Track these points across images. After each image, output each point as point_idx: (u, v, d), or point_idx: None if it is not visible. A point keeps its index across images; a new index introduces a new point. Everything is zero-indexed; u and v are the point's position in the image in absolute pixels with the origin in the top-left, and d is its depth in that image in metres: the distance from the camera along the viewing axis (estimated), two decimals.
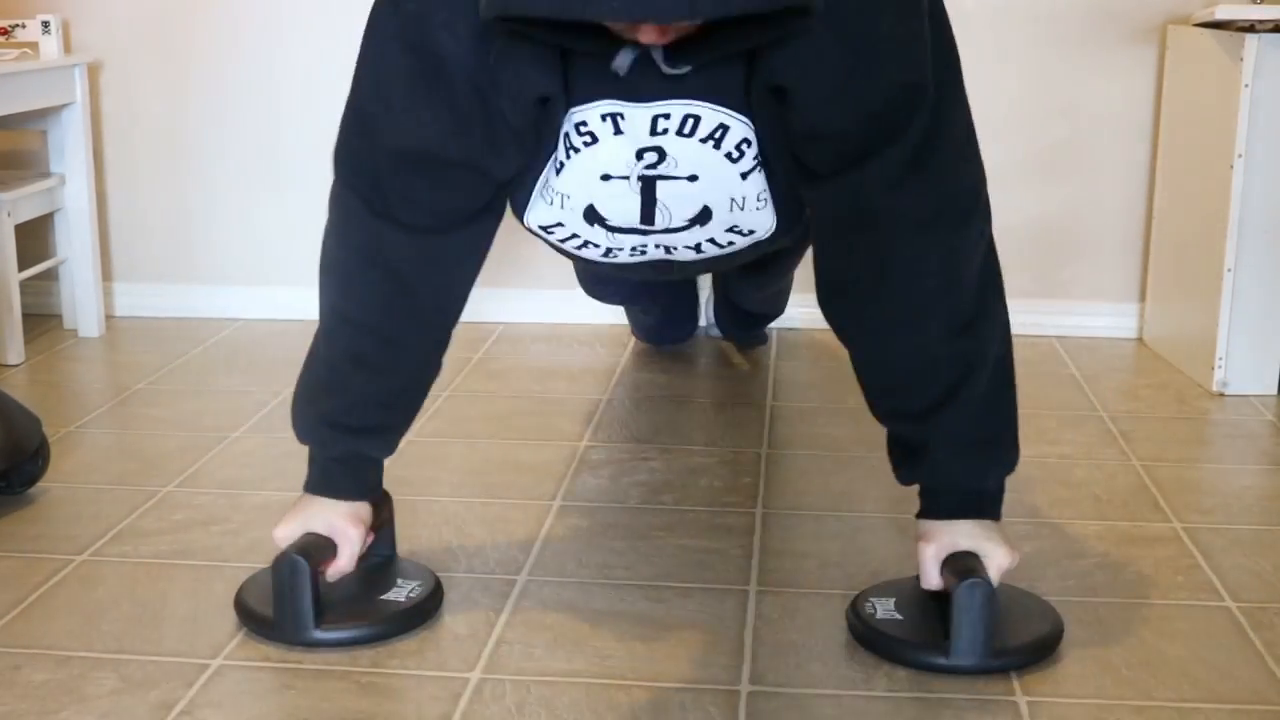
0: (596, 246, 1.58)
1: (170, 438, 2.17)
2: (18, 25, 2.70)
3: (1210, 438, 2.20)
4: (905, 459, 1.52)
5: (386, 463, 1.61)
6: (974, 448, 1.48)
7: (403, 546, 1.72)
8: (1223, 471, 2.04)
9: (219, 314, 2.93)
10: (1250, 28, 2.29)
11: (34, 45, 2.71)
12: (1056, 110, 2.72)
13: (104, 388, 2.46)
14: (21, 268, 2.64)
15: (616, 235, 1.55)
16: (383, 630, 1.50)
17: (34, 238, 2.81)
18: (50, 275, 2.86)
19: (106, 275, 2.93)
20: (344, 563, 1.54)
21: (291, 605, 1.47)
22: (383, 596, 1.55)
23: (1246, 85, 2.28)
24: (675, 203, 1.50)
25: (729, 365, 2.61)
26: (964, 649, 1.42)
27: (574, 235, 1.57)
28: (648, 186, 1.46)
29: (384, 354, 1.51)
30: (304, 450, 1.58)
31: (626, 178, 1.47)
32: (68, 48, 2.83)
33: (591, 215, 1.52)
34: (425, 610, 1.54)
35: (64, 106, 2.73)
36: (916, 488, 1.53)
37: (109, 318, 2.90)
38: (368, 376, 1.52)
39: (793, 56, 1.33)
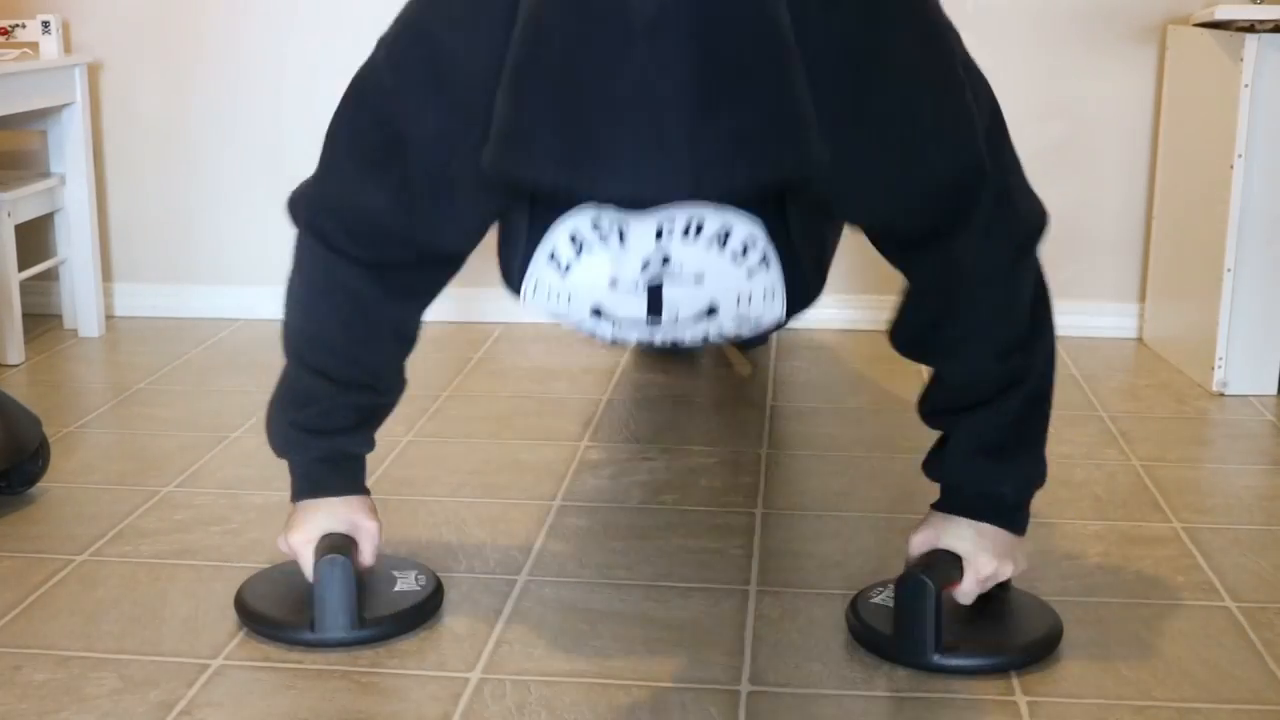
0: (603, 334, 1.57)
1: (170, 438, 2.17)
2: (18, 25, 2.70)
3: (1210, 438, 2.20)
4: (933, 452, 1.54)
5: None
6: (994, 452, 1.49)
7: (402, 547, 1.72)
8: (1223, 471, 2.04)
9: (219, 314, 2.93)
10: (1250, 28, 2.29)
11: (34, 45, 2.71)
12: (1056, 110, 2.72)
13: (104, 388, 2.46)
14: (21, 268, 2.64)
15: (623, 328, 1.53)
16: (383, 630, 1.50)
17: (34, 238, 2.81)
18: (50, 275, 2.86)
19: (106, 275, 2.93)
20: (367, 557, 1.55)
21: (340, 604, 1.47)
22: (382, 596, 1.55)
23: (1246, 85, 2.28)
24: (682, 302, 1.47)
25: (729, 365, 2.61)
26: (903, 646, 1.43)
27: (578, 326, 1.57)
28: (654, 291, 1.46)
29: (347, 371, 1.52)
30: None
31: (634, 283, 1.45)
32: (68, 48, 2.83)
33: (597, 313, 1.51)
34: (425, 610, 1.54)
35: (64, 106, 2.73)
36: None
37: (109, 318, 2.90)
38: (336, 390, 1.52)
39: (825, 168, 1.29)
